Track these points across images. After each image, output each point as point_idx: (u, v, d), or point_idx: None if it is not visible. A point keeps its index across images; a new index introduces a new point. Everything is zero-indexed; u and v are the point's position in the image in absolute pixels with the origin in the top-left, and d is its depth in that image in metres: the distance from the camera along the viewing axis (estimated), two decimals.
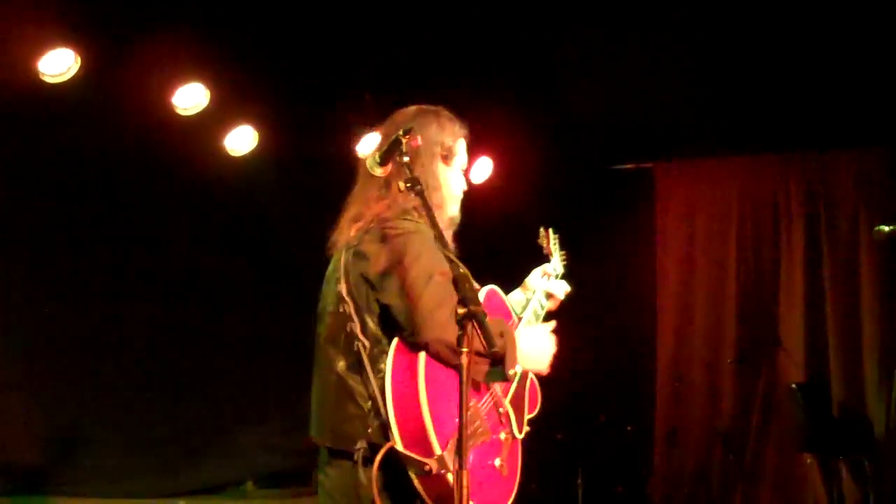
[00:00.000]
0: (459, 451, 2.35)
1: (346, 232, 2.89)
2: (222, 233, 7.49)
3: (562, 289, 3.48)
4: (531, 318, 3.26)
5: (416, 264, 2.66)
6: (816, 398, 7.71)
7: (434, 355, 2.59)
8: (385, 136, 2.95)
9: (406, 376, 2.58)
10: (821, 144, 8.08)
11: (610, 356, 8.56)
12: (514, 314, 3.19)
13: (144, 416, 7.15)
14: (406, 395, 2.56)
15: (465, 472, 2.36)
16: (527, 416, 3.00)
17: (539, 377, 3.09)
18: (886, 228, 6.37)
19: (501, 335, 2.64)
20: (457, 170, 3.07)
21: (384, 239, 2.74)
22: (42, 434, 6.71)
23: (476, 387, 2.73)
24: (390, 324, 2.69)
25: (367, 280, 2.75)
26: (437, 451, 2.50)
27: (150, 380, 7.20)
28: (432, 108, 3.08)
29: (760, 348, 8.18)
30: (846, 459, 7.63)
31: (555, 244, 3.61)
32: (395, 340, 2.67)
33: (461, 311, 2.39)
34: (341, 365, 2.75)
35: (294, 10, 6.61)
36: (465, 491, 2.37)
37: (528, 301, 3.38)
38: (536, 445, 2.96)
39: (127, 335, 7.13)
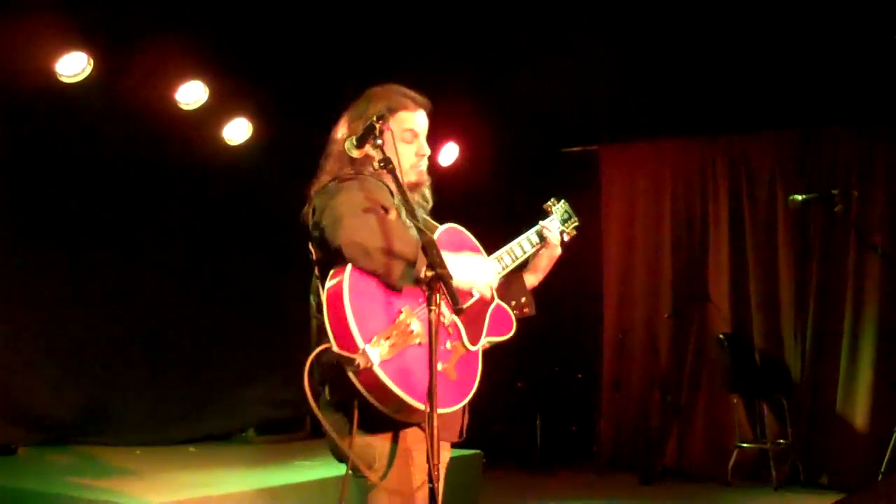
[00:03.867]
0: (431, 395, 2.33)
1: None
2: (222, 211, 7.45)
3: (557, 232, 3.19)
4: (507, 253, 3.05)
5: (342, 193, 2.61)
6: (741, 347, 7.78)
7: (350, 258, 2.49)
8: (352, 120, 2.86)
9: (336, 285, 2.51)
10: (743, 128, 8.13)
11: (563, 315, 8.61)
12: (481, 249, 2.97)
13: (160, 377, 7.13)
14: (334, 298, 2.49)
15: (435, 414, 2.34)
16: (489, 337, 2.85)
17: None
18: (799, 198, 6.43)
19: (426, 243, 2.45)
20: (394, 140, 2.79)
21: (324, 192, 2.69)
22: (70, 393, 6.68)
23: (399, 292, 2.58)
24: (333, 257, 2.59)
25: (314, 224, 2.68)
26: (360, 344, 2.41)
27: (165, 343, 7.18)
28: (375, 88, 2.94)
29: (692, 304, 8.23)
30: (767, 399, 7.72)
31: (559, 209, 3.28)
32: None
33: (429, 273, 2.37)
34: (314, 307, 2.69)
35: (281, 15, 6.58)
36: (435, 432, 2.34)
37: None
38: (500, 392, 2.90)
39: (142, 306, 7.10)
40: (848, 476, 7.21)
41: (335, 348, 2.46)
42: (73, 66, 6.03)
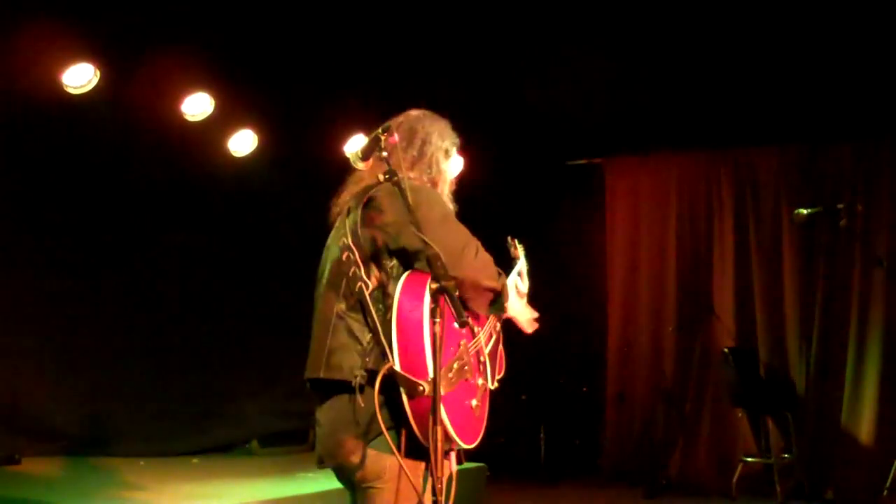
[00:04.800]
0: (434, 409, 2.34)
1: (346, 198, 2.73)
2: (227, 223, 7.46)
3: (525, 283, 3.14)
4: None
5: (435, 208, 2.59)
6: (746, 360, 7.73)
7: (461, 288, 2.48)
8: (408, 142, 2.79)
9: (413, 303, 2.45)
10: (748, 141, 8.14)
11: (567, 327, 8.60)
12: None
13: (164, 388, 7.13)
14: (410, 319, 2.44)
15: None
16: (497, 376, 2.88)
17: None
18: (804, 211, 6.45)
19: (500, 274, 2.62)
20: (451, 164, 2.91)
21: (394, 193, 2.55)
22: (74, 403, 6.70)
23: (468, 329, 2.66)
24: (403, 264, 2.55)
25: (378, 227, 2.58)
26: (432, 373, 2.39)
27: (168, 355, 7.19)
28: (432, 117, 2.91)
29: (697, 318, 8.22)
30: (772, 413, 7.70)
31: (520, 249, 3.25)
32: (407, 273, 2.52)
33: (434, 286, 2.37)
34: (341, 306, 2.57)
35: (286, 28, 6.61)
36: (439, 445, 2.36)
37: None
38: (504, 405, 2.89)
39: (146, 317, 7.11)
40: (852, 491, 7.18)
41: (397, 367, 2.42)
42: (80, 77, 6.03)
